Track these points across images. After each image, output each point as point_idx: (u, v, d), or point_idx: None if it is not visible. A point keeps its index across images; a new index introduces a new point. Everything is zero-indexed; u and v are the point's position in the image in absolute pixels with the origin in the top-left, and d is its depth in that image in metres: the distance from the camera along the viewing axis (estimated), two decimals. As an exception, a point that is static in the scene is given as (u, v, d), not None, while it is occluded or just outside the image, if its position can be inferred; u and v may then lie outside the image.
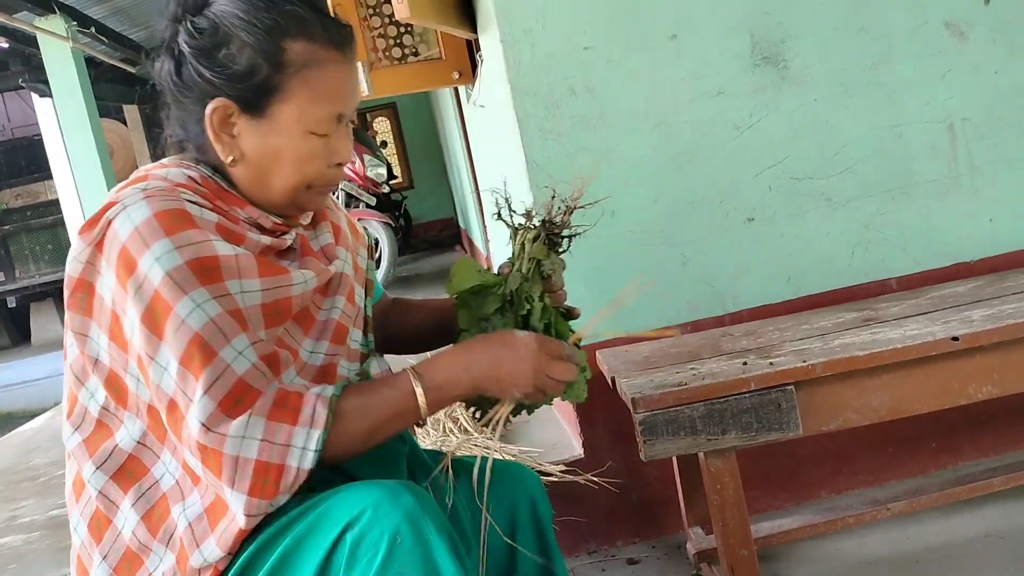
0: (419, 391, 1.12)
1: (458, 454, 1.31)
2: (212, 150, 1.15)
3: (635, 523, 2.21)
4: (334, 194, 6.29)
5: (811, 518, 2.00)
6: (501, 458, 1.56)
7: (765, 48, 2.16)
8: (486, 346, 1.17)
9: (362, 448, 1.11)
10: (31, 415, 5.08)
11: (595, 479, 2.16)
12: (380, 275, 5.91)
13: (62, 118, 6.14)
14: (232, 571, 1.07)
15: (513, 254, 1.24)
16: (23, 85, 7.22)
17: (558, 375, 1.17)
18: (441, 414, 2.59)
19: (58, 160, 6.86)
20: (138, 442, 1.11)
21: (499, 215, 1.26)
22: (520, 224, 1.24)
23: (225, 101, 1.11)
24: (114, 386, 1.11)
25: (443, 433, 2.55)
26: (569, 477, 2.15)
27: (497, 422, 1.20)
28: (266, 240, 1.15)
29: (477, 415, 1.25)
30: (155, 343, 1.04)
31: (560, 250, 1.24)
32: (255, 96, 1.11)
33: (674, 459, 2.04)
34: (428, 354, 1.30)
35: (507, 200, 1.25)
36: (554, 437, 2.46)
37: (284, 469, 1.04)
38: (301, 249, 1.21)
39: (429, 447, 2.44)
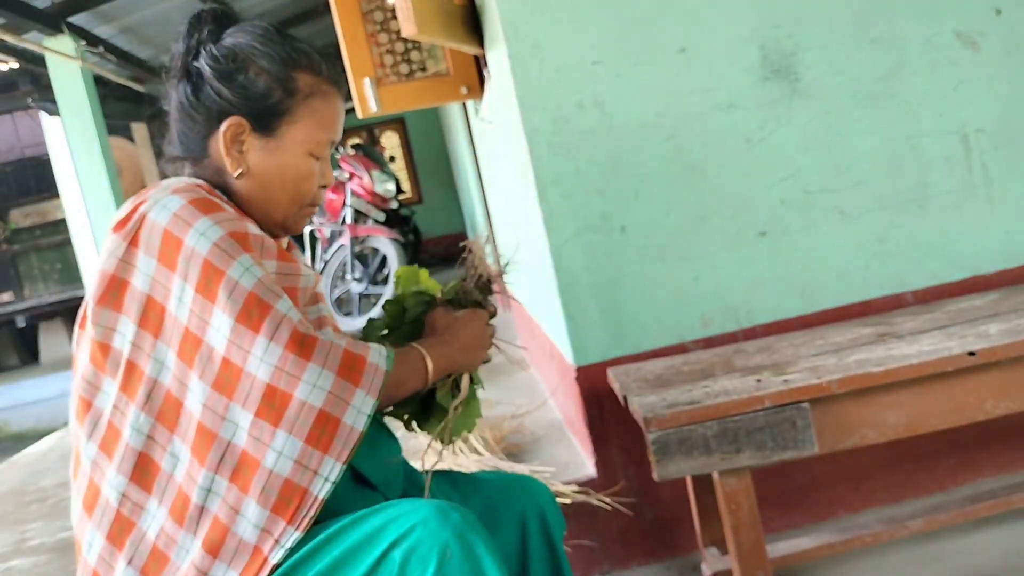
0: (429, 361, 1.26)
1: (466, 471, 1.34)
2: (210, 167, 1.27)
3: (649, 543, 2.18)
4: (343, 209, 6.25)
5: (828, 537, 1.96)
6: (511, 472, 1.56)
7: (775, 61, 2.14)
8: (448, 331, 1.32)
9: (387, 404, 1.25)
10: (40, 435, 5.08)
11: (608, 499, 2.13)
12: (388, 293, 5.89)
13: (70, 137, 6.16)
14: None
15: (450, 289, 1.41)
16: (32, 104, 7.26)
17: (493, 334, 1.37)
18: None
19: (66, 179, 6.89)
20: (147, 436, 1.14)
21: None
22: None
23: (239, 119, 1.24)
24: (129, 380, 1.15)
25: (454, 453, 2.53)
26: (582, 497, 2.12)
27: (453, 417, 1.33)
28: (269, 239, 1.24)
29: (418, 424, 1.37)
30: (209, 308, 1.11)
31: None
32: (267, 117, 1.25)
33: (688, 478, 2.01)
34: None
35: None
36: (566, 456, 2.43)
37: (340, 424, 1.10)
38: None
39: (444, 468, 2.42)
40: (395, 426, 1.38)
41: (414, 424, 1.37)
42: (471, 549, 1.06)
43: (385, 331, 1.40)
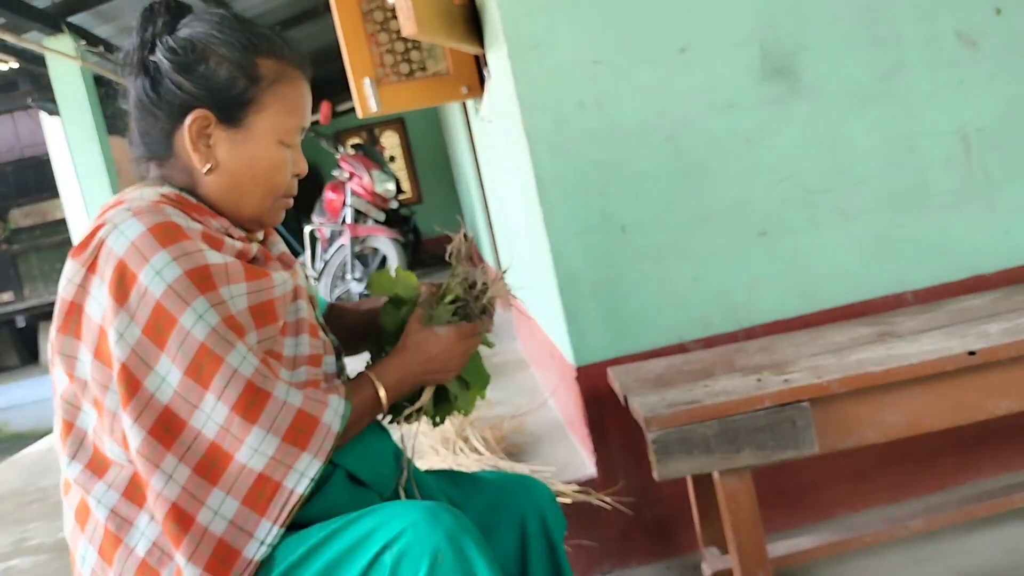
0: (382, 392, 1.24)
1: (467, 471, 1.34)
2: (177, 166, 1.21)
3: (649, 543, 2.18)
4: (343, 209, 6.23)
5: (828, 537, 1.96)
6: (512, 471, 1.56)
7: (775, 60, 2.14)
8: (418, 349, 1.29)
9: (341, 444, 1.19)
10: (40, 435, 5.07)
11: (608, 499, 2.13)
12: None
13: (70, 137, 6.16)
14: None
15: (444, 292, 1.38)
16: (32, 104, 7.27)
17: (475, 346, 1.34)
18: (454, 435, 2.57)
19: (66, 179, 6.88)
20: (127, 461, 1.12)
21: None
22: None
23: (204, 112, 1.18)
24: (98, 407, 1.13)
25: (454, 452, 2.53)
26: (582, 497, 2.12)
27: (419, 411, 1.34)
28: (238, 245, 1.19)
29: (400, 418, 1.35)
30: (156, 353, 1.08)
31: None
32: (233, 107, 1.19)
33: (688, 478, 2.01)
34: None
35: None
36: (567, 456, 2.43)
37: (279, 488, 1.08)
38: (264, 259, 1.25)
39: (440, 466, 2.42)
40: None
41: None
42: (463, 551, 1.05)
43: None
